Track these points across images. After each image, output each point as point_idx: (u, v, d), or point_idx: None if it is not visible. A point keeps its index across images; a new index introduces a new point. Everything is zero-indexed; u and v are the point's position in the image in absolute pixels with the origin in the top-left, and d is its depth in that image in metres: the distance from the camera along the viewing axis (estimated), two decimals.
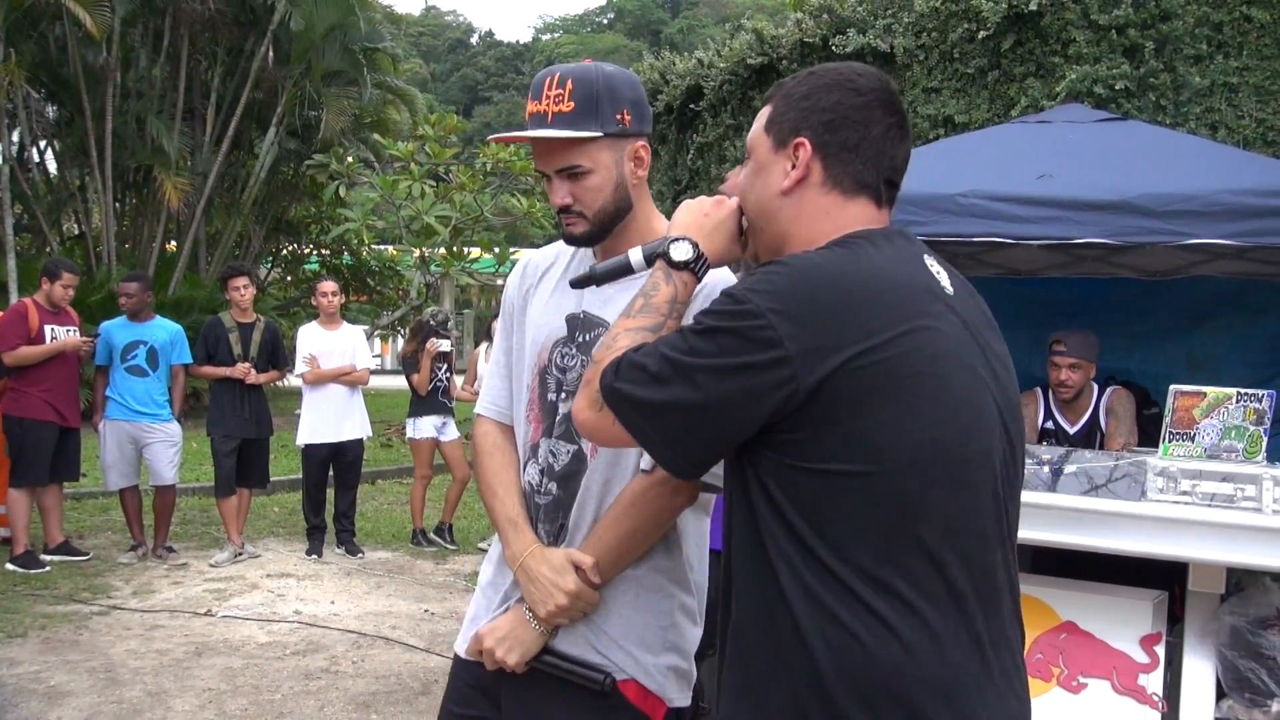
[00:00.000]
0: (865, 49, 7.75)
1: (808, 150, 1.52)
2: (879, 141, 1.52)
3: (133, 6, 14.85)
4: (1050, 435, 4.68)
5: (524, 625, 1.87)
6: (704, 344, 1.38)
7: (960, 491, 1.39)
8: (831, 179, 1.52)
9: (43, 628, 5.69)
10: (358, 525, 8.01)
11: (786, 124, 1.54)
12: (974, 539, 1.41)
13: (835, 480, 1.36)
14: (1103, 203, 3.87)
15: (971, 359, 1.45)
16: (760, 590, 1.42)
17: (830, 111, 1.52)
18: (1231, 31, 6.44)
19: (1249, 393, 3.58)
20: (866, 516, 1.35)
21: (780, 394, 1.35)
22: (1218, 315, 5.41)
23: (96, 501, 8.94)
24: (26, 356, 6.76)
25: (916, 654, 1.34)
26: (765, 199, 1.57)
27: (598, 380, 1.48)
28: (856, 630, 1.34)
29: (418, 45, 49.93)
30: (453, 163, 13.45)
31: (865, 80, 1.54)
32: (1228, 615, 3.49)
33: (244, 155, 17.74)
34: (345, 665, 5.25)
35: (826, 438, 1.36)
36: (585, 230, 1.90)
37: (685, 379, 1.38)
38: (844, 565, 1.35)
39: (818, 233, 1.51)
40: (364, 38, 16.64)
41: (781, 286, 1.38)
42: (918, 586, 1.35)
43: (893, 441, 1.35)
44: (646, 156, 1.94)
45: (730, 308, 1.39)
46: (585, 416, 1.52)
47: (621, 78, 1.92)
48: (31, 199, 15.87)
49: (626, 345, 1.49)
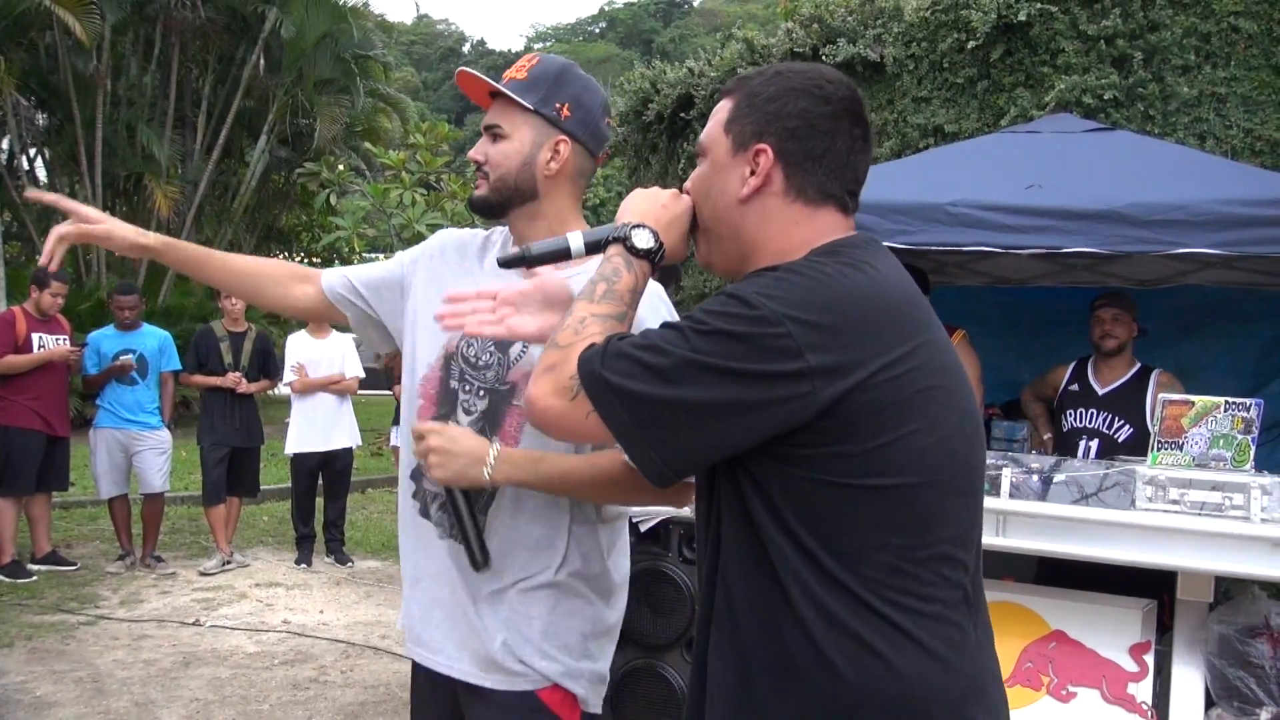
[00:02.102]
0: (855, 58, 7.76)
1: (769, 158, 1.45)
2: (843, 153, 1.46)
3: (123, 14, 14.85)
4: (1074, 396, 4.67)
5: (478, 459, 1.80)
6: (711, 345, 1.29)
7: (969, 499, 1.40)
8: (794, 188, 1.46)
9: (29, 638, 5.65)
10: (347, 534, 7.99)
11: (749, 126, 1.47)
12: (973, 544, 1.42)
13: (853, 494, 1.32)
14: (1091, 212, 3.88)
15: (959, 366, 1.44)
16: (766, 608, 1.36)
17: (797, 119, 1.45)
18: (1220, 42, 6.47)
19: (1237, 402, 3.58)
20: (886, 529, 1.32)
21: (792, 407, 1.29)
22: (1206, 324, 5.42)
23: (85, 510, 8.90)
24: (13, 365, 6.73)
25: (941, 663, 1.32)
26: (723, 205, 1.49)
27: (569, 366, 1.36)
28: (876, 644, 1.31)
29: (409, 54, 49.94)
30: (444, 171, 13.47)
31: (834, 89, 1.46)
32: (1216, 624, 3.50)
33: (235, 163, 17.74)
34: (334, 675, 5.23)
35: (844, 453, 1.31)
36: (484, 193, 1.98)
37: (689, 380, 1.28)
38: (857, 579, 1.32)
39: (791, 242, 1.45)
40: (355, 46, 16.67)
41: (798, 296, 1.30)
42: (933, 596, 1.34)
43: (914, 455, 1.32)
44: (565, 155, 1.95)
45: (741, 311, 1.29)
46: (550, 404, 1.37)
47: (583, 82, 1.98)
48: (21, 207, 15.83)
49: (599, 332, 1.39)
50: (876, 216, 4.04)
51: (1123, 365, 4.61)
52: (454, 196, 12.75)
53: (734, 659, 1.40)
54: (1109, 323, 4.57)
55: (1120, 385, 4.59)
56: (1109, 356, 4.60)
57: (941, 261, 5.36)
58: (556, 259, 1.65)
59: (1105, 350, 4.60)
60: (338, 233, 13.09)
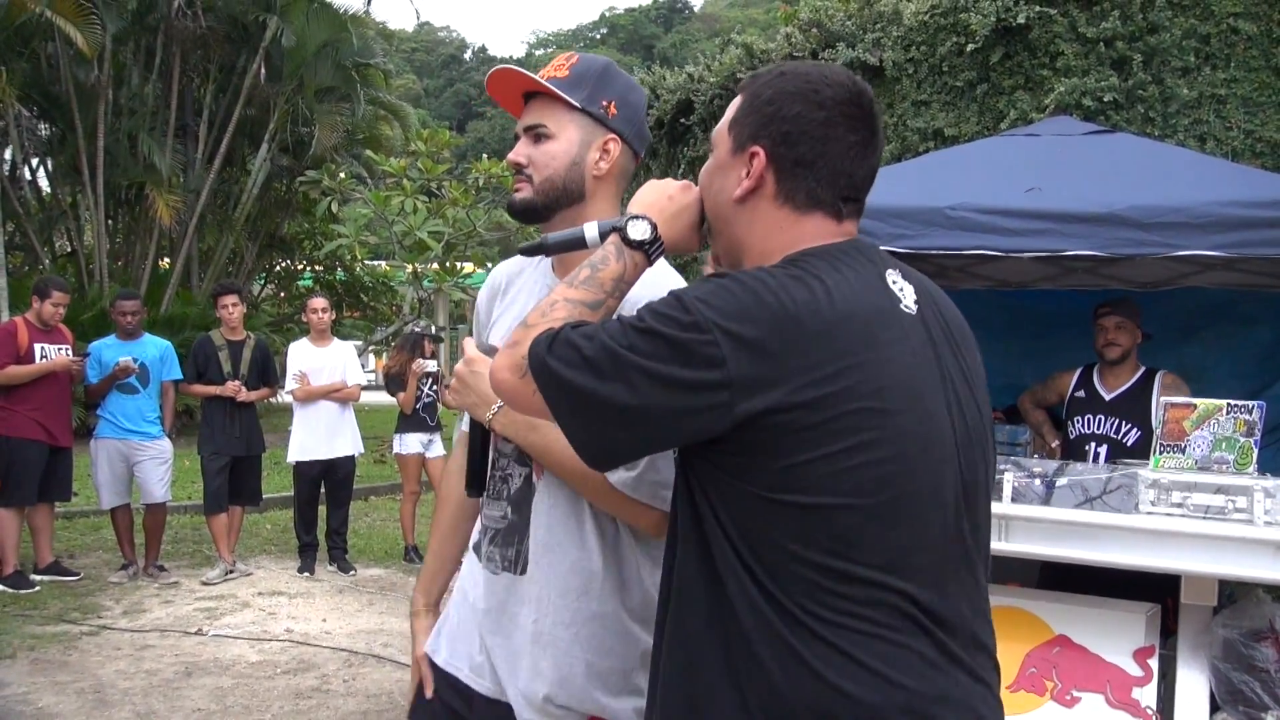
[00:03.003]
0: (854, 62, 7.77)
1: (762, 161, 1.46)
2: (836, 160, 1.45)
3: (124, 24, 14.87)
4: (1081, 403, 4.66)
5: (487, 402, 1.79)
6: (645, 344, 1.31)
7: (900, 526, 1.34)
8: (784, 193, 1.46)
9: (32, 648, 5.65)
10: (350, 542, 7.98)
11: (747, 128, 1.48)
12: (923, 569, 1.35)
13: (772, 507, 1.32)
14: (1092, 215, 3.87)
15: (926, 384, 1.39)
16: (710, 604, 1.38)
17: (789, 123, 1.45)
18: (1219, 44, 6.46)
19: (1239, 404, 3.58)
20: (803, 546, 1.31)
21: (711, 416, 1.30)
22: (1208, 326, 5.41)
23: (87, 520, 8.90)
24: (14, 376, 6.73)
25: (879, 678, 1.30)
26: (720, 202, 1.52)
27: (526, 345, 1.41)
28: (804, 654, 1.30)
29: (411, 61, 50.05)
30: (445, 178, 13.44)
31: (831, 92, 1.45)
32: (1221, 628, 3.49)
33: (236, 172, 17.75)
34: (336, 684, 5.22)
35: (761, 466, 1.32)
36: (528, 196, 1.86)
37: (621, 377, 1.31)
38: (782, 589, 1.32)
39: (773, 246, 1.46)
40: (356, 54, 16.67)
41: (732, 306, 1.31)
42: (863, 615, 1.31)
43: (829, 479, 1.30)
44: (615, 154, 1.88)
45: (677, 315, 1.32)
46: (504, 378, 1.46)
47: (626, 79, 1.93)
48: (23, 217, 15.85)
49: (563, 317, 1.43)
50: (876, 220, 4.03)
51: (1128, 370, 4.61)
52: (455, 203, 12.72)
53: (681, 649, 1.42)
54: (1112, 331, 4.56)
55: (1127, 390, 4.58)
56: (1114, 364, 4.59)
57: (942, 265, 5.35)
58: (573, 248, 1.67)
59: (1109, 359, 4.59)
60: (339, 240, 13.05)
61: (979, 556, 1.46)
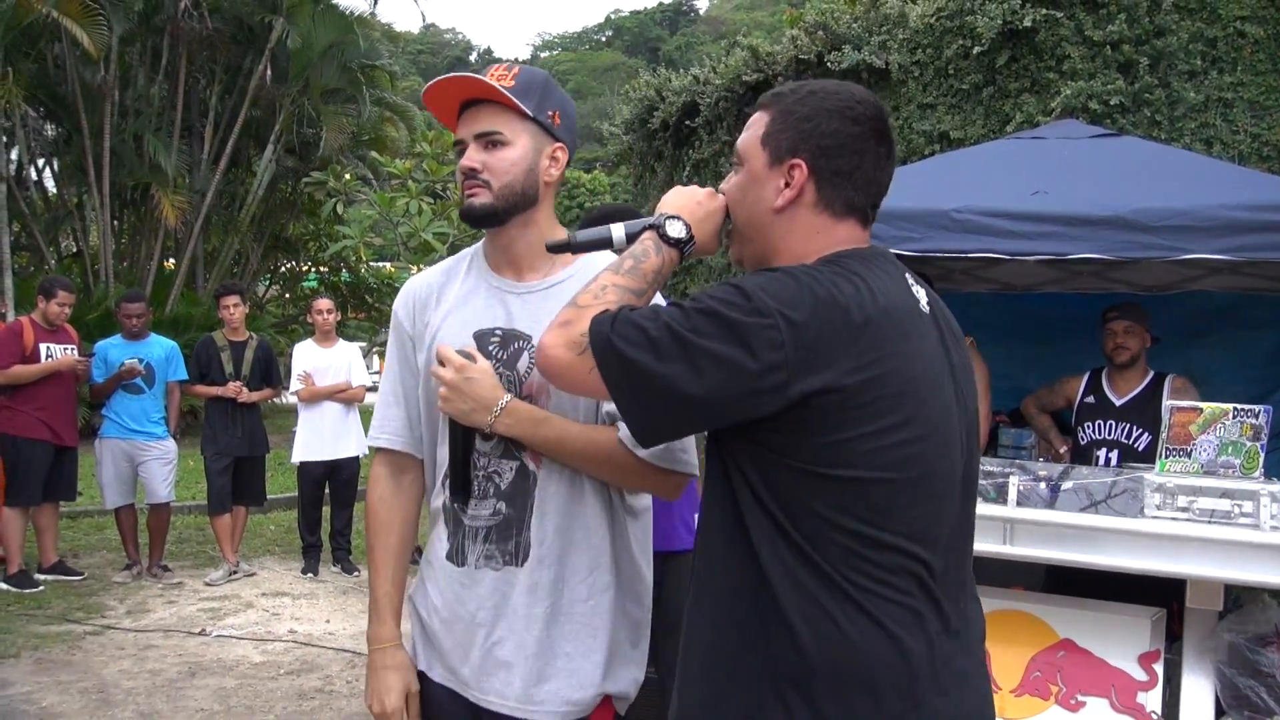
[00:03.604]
0: (860, 65, 7.76)
1: (804, 172, 1.56)
2: (870, 170, 1.58)
3: (130, 25, 14.89)
4: (1091, 408, 4.65)
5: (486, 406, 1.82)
6: (708, 327, 1.40)
7: (923, 502, 1.47)
8: (824, 201, 1.57)
9: (36, 648, 5.65)
10: (353, 543, 7.97)
11: (784, 142, 1.58)
12: (939, 544, 1.49)
13: (812, 479, 1.43)
14: (1098, 218, 3.86)
15: (942, 378, 1.52)
16: (741, 570, 1.47)
17: (829, 138, 1.56)
18: (1226, 47, 6.45)
19: (1245, 408, 3.56)
20: (840, 515, 1.42)
21: (769, 396, 1.40)
22: (1214, 330, 5.39)
23: (91, 520, 8.90)
24: (20, 375, 6.74)
25: (894, 640, 1.42)
26: (758, 212, 1.61)
27: (583, 324, 1.48)
28: (834, 613, 1.41)
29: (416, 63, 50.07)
30: (450, 180, 13.44)
31: (863, 109, 1.58)
32: (1226, 632, 3.47)
33: (242, 173, 17.77)
34: (339, 685, 5.22)
35: (805, 442, 1.42)
36: (487, 201, 1.90)
37: (685, 358, 1.40)
38: (819, 553, 1.43)
39: (808, 249, 1.56)
40: (362, 55, 16.68)
41: (790, 294, 1.41)
42: (888, 581, 1.43)
43: (867, 455, 1.42)
44: (562, 162, 1.96)
45: (738, 300, 1.41)
46: (558, 354, 1.51)
47: (563, 93, 1.99)
48: (29, 217, 15.87)
49: (615, 300, 1.52)
50: (881, 223, 3.99)
51: (1137, 375, 4.59)
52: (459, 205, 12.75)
53: (709, 615, 1.53)
54: (1121, 335, 4.54)
55: (1137, 395, 4.56)
56: (1123, 369, 4.58)
57: (947, 268, 5.34)
58: (600, 248, 1.76)
59: (1118, 363, 4.58)
60: (344, 241, 13.09)
61: (970, 539, 1.62)
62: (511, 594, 1.88)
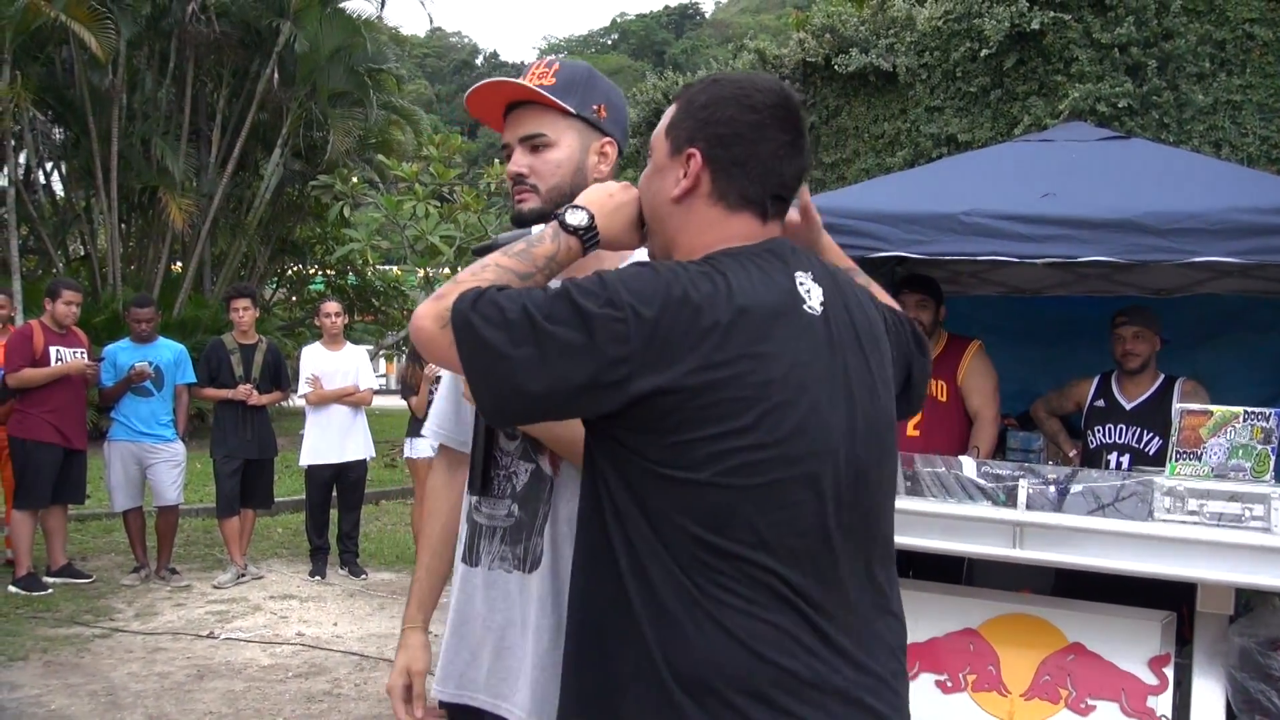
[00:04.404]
0: (868, 68, 7.76)
1: (698, 162, 1.55)
2: (768, 159, 1.55)
3: (138, 29, 14.94)
4: (1101, 412, 4.63)
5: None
6: (562, 311, 1.39)
7: (772, 510, 1.43)
8: (718, 192, 1.56)
9: (44, 650, 5.66)
10: (361, 546, 7.99)
11: (683, 132, 1.58)
12: (798, 554, 1.44)
13: (656, 479, 1.42)
14: (1106, 221, 3.85)
15: (815, 381, 1.47)
16: (597, 564, 1.49)
17: (724, 125, 1.54)
18: (1234, 49, 6.44)
19: (1256, 411, 3.55)
20: (682, 517, 1.41)
21: (610, 390, 1.40)
22: (1223, 333, 5.38)
23: (100, 523, 8.92)
24: (29, 379, 6.75)
25: (747, 650, 1.39)
26: (658, 203, 1.61)
27: (451, 299, 1.46)
28: (679, 616, 1.40)
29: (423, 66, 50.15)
30: (457, 183, 13.47)
31: (762, 96, 1.55)
32: (1237, 636, 3.46)
33: (249, 176, 17.80)
34: (347, 688, 5.22)
35: (650, 441, 1.42)
36: (536, 206, 1.87)
37: (534, 342, 1.39)
38: (669, 554, 1.42)
39: (700, 243, 1.55)
40: (369, 59, 16.71)
41: (645, 289, 1.41)
42: (736, 590, 1.40)
43: (706, 459, 1.40)
44: (612, 157, 1.93)
45: (596, 289, 1.41)
46: (425, 325, 1.49)
47: (607, 83, 1.96)
48: (37, 220, 15.93)
49: (492, 279, 1.51)
50: (889, 226, 4.02)
51: (1147, 379, 4.57)
52: (467, 208, 12.73)
53: (575, 609, 1.55)
54: (1130, 340, 4.52)
55: (1147, 398, 4.54)
56: (1133, 373, 4.56)
57: (955, 271, 5.34)
58: None
59: (1128, 369, 4.56)
60: (351, 245, 13.09)
61: (874, 551, 1.55)
62: (521, 602, 1.86)
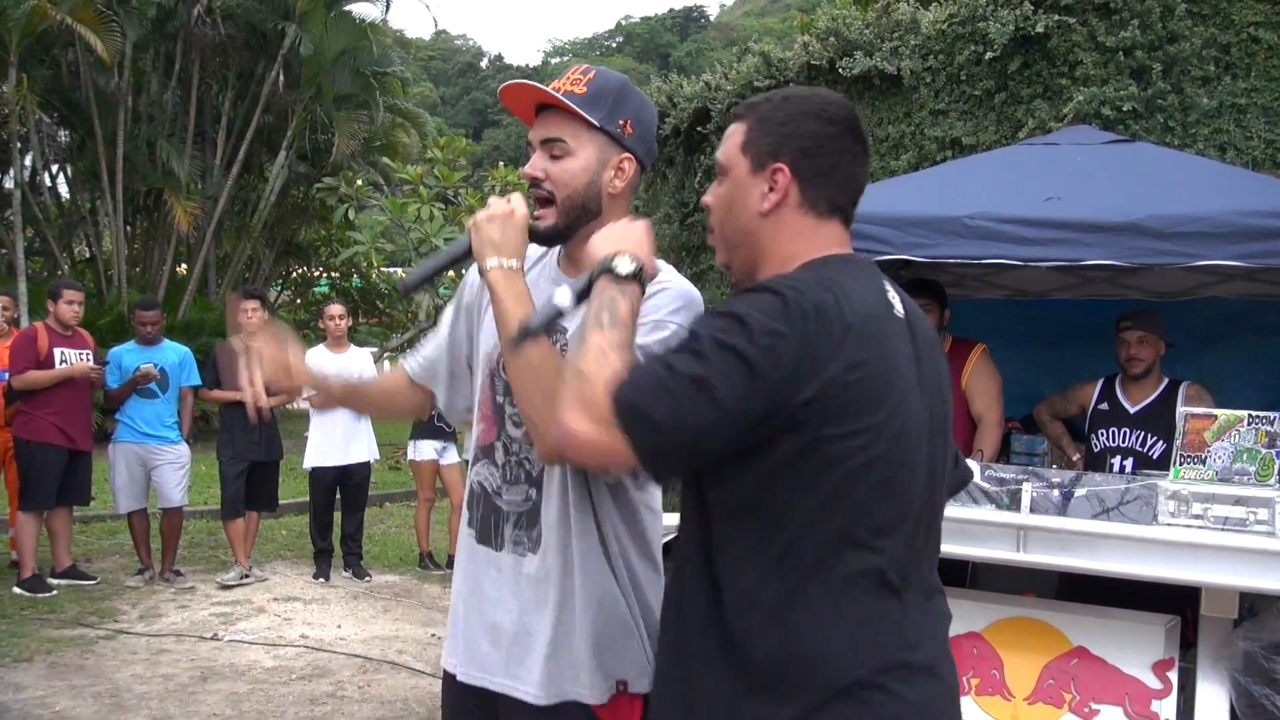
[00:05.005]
0: (872, 71, 7.76)
1: (786, 175, 1.63)
2: (848, 168, 1.65)
3: (144, 32, 14.98)
4: (1105, 415, 4.62)
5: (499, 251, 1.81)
6: (720, 361, 1.41)
7: (893, 496, 1.53)
8: (808, 202, 1.64)
9: (49, 652, 5.67)
10: (365, 548, 8.00)
11: (765, 147, 1.64)
12: (904, 543, 1.55)
13: (795, 477, 1.48)
14: (1111, 224, 3.85)
15: (911, 382, 1.57)
16: (704, 569, 1.54)
17: (808, 139, 1.63)
18: (1239, 53, 6.43)
19: (1260, 415, 3.55)
20: (815, 513, 1.48)
21: (780, 412, 1.44)
22: (1228, 337, 5.37)
23: (104, 524, 8.94)
24: (34, 381, 6.77)
25: (854, 637, 1.49)
26: (745, 218, 1.66)
27: (597, 396, 1.43)
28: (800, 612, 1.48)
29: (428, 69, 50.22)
30: (462, 186, 13.47)
31: (836, 110, 1.65)
32: (1241, 640, 3.45)
33: (254, 179, 17.84)
34: (351, 690, 5.22)
35: (790, 442, 1.46)
36: (552, 224, 1.89)
37: (710, 402, 1.40)
38: (790, 555, 1.49)
39: (794, 252, 1.63)
40: (374, 62, 16.76)
41: (778, 310, 1.44)
42: (857, 581, 1.50)
43: (846, 453, 1.47)
44: (630, 174, 1.92)
45: (737, 327, 1.43)
46: (589, 435, 1.43)
47: (641, 97, 1.96)
48: (43, 222, 15.96)
49: (618, 361, 1.48)
50: (893, 229, 4.02)
51: (1152, 383, 4.57)
52: (471, 211, 12.75)
53: (673, 622, 1.62)
54: (1134, 345, 4.51)
55: (1151, 402, 4.53)
56: (1137, 378, 4.55)
57: (960, 274, 5.33)
58: (554, 323, 1.72)
59: (1132, 373, 4.55)
60: (356, 247, 13.10)
61: (934, 541, 1.68)
62: (533, 584, 1.90)
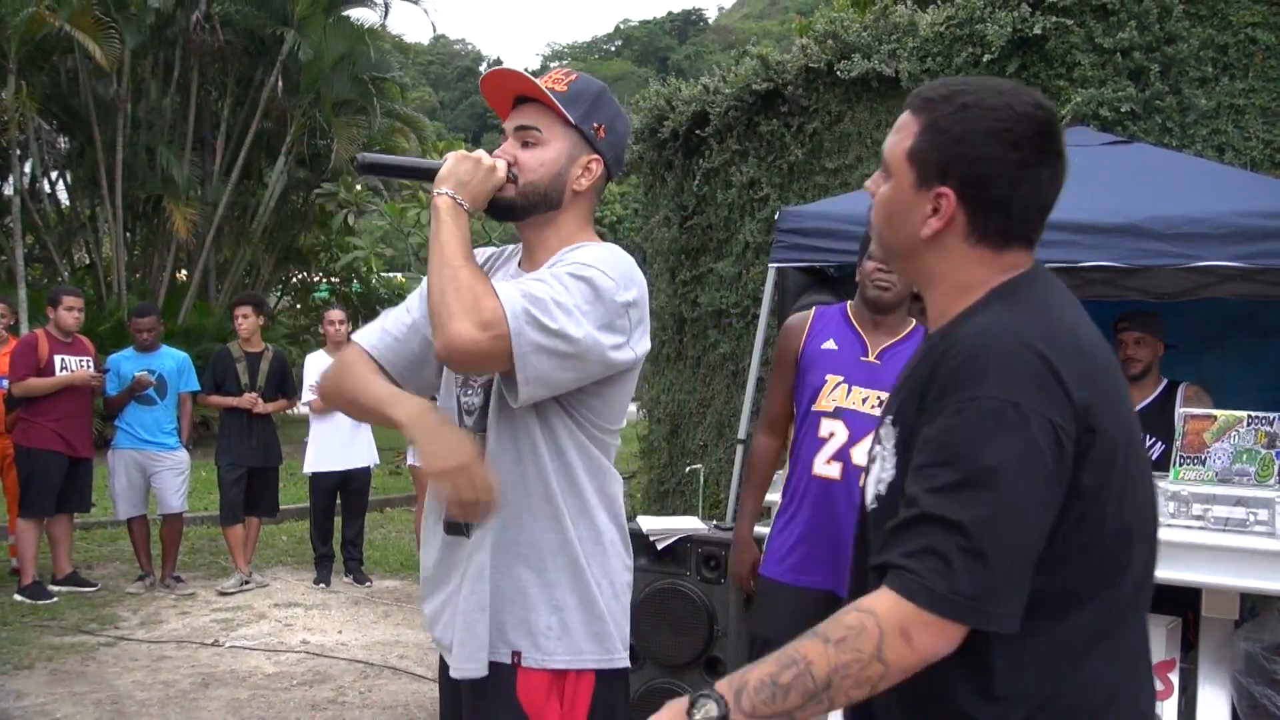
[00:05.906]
0: (870, 74, 7.76)
1: (951, 203, 1.43)
2: (1029, 197, 1.44)
3: (143, 38, 14.99)
4: None
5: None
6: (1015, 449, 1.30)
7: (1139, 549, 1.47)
8: (977, 233, 1.45)
9: (50, 659, 5.67)
10: (366, 553, 7.99)
11: (932, 165, 1.44)
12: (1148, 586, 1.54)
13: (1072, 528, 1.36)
14: (1110, 226, 3.85)
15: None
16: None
17: (982, 165, 1.41)
18: (1237, 54, 6.42)
19: (1260, 416, 3.55)
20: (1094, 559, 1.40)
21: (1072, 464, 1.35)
22: (1227, 337, 5.37)
23: (105, 531, 8.94)
24: (34, 388, 6.77)
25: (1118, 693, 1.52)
26: (907, 236, 1.49)
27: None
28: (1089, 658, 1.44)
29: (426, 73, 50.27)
30: None
31: (1024, 128, 1.41)
32: (1242, 641, 3.45)
33: (253, 184, 17.84)
34: (352, 696, 5.22)
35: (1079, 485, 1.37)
36: (509, 196, 1.93)
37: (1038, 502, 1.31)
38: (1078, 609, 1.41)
39: (974, 278, 1.46)
40: (373, 67, 16.77)
41: (1028, 375, 1.32)
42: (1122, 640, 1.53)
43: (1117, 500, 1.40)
44: (596, 175, 1.98)
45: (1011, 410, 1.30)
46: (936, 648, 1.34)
47: (618, 109, 2.02)
48: (43, 229, 15.97)
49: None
50: None
51: (1150, 384, 4.56)
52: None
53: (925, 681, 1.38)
54: (1132, 346, 4.50)
55: (1150, 403, 4.52)
56: (1135, 379, 4.55)
57: None
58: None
59: (1131, 375, 4.54)
60: (355, 253, 13.17)
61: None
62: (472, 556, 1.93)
